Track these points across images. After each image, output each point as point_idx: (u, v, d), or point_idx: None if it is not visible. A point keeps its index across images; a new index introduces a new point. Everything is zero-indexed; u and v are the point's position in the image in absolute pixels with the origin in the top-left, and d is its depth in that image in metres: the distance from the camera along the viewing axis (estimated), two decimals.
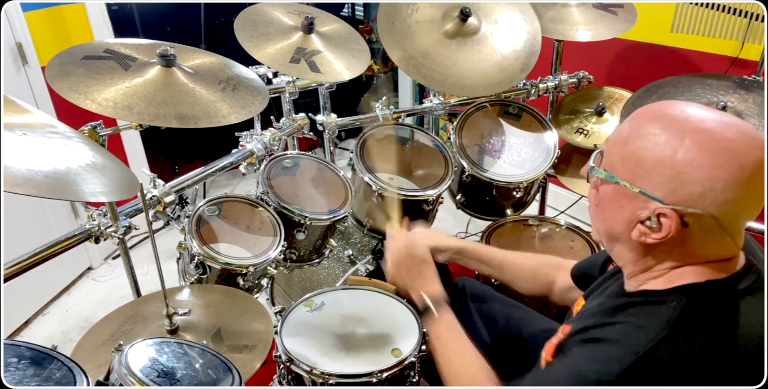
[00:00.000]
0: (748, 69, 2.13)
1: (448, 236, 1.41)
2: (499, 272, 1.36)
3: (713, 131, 0.74)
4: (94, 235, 1.42)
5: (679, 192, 0.75)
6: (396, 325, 1.42)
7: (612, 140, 0.83)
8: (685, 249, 0.80)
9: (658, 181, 0.76)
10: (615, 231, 0.86)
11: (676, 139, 0.75)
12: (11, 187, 0.91)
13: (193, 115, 1.31)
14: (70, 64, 1.29)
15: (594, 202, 0.89)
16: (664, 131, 0.76)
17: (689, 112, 0.78)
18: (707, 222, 0.76)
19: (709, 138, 0.74)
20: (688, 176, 0.74)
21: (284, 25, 1.76)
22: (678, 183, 0.75)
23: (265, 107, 1.49)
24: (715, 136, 0.74)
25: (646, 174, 0.77)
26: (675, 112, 0.78)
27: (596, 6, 2.09)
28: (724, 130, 0.74)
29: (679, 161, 0.74)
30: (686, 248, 0.80)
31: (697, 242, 0.79)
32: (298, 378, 1.34)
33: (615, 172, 0.81)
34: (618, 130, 0.84)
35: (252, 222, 1.61)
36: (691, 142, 0.74)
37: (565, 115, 2.19)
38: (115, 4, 2.92)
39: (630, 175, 0.79)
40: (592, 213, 0.90)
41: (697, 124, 0.75)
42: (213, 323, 1.28)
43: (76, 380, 0.93)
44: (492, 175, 1.93)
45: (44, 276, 2.37)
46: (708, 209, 0.74)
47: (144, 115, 1.26)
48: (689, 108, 0.79)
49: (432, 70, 1.80)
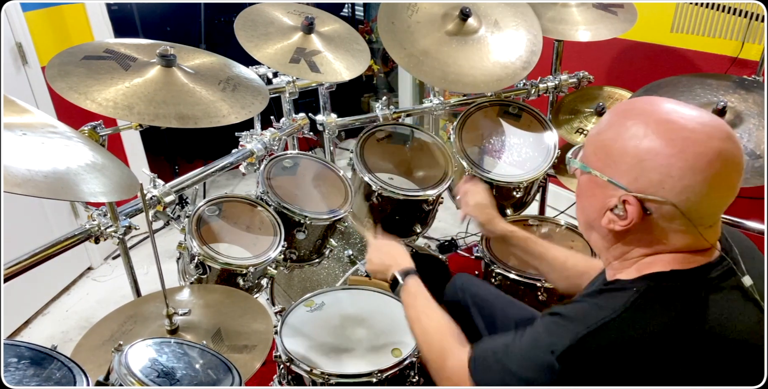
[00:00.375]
0: (748, 69, 2.13)
1: (498, 217, 1.47)
2: (539, 263, 1.38)
3: (675, 122, 0.78)
4: (94, 235, 1.42)
5: (641, 179, 0.79)
6: (396, 325, 1.42)
7: (590, 133, 0.89)
8: (651, 237, 0.84)
9: (623, 170, 0.81)
10: (590, 219, 0.90)
11: (640, 129, 0.79)
12: (11, 187, 0.91)
13: (193, 115, 1.31)
14: (70, 64, 1.29)
15: (576, 193, 0.93)
16: (633, 122, 0.81)
17: (659, 106, 0.82)
18: (668, 210, 0.79)
19: (670, 128, 0.78)
20: (647, 164, 0.78)
21: (284, 25, 1.76)
22: (639, 170, 0.79)
23: (265, 107, 1.49)
24: (676, 126, 0.78)
25: (614, 162, 0.82)
26: (646, 106, 0.83)
27: (596, 6, 2.09)
28: (686, 122, 0.78)
29: (640, 150, 0.79)
30: (652, 236, 0.83)
31: (660, 230, 0.82)
32: (298, 378, 1.35)
33: (588, 162, 0.86)
34: (596, 125, 0.90)
35: (252, 222, 1.61)
36: (652, 132, 0.78)
37: (565, 115, 2.19)
38: (115, 4, 2.92)
39: (600, 164, 0.84)
40: (576, 205, 0.95)
41: (661, 116, 0.80)
42: (213, 323, 1.28)
43: (76, 380, 0.93)
44: (492, 175, 1.93)
45: (44, 276, 2.38)
46: (667, 196, 0.78)
47: (144, 115, 1.26)
48: (663, 103, 0.83)
49: (432, 68, 1.80)
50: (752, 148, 1.55)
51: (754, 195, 2.00)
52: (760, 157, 1.53)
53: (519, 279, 1.72)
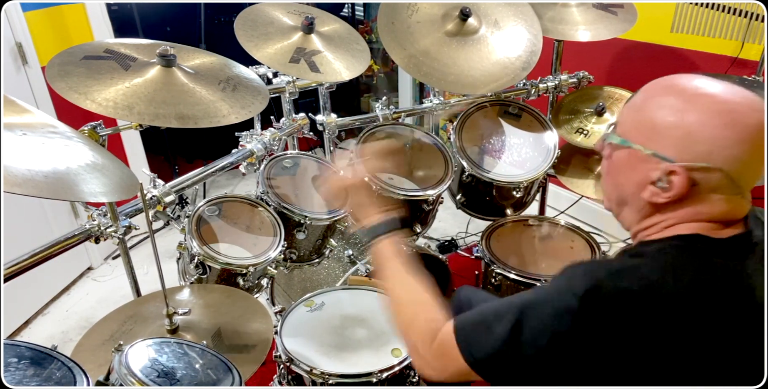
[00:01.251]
0: (748, 69, 2.13)
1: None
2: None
3: (718, 95, 0.81)
4: (94, 235, 1.42)
5: (688, 150, 0.80)
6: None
7: (625, 110, 0.90)
8: (692, 207, 0.84)
9: (669, 143, 0.81)
10: (625, 194, 0.90)
11: (683, 103, 0.81)
12: (11, 187, 0.91)
13: (193, 115, 1.31)
14: (70, 64, 1.29)
15: (606, 171, 0.94)
16: (674, 97, 0.82)
17: (696, 81, 0.84)
18: (716, 179, 0.80)
19: (714, 101, 0.80)
20: (695, 136, 0.79)
21: (284, 25, 1.76)
22: (687, 142, 0.80)
23: (265, 107, 1.49)
24: (720, 99, 0.81)
25: (658, 136, 0.82)
26: (683, 81, 0.85)
27: (596, 6, 2.09)
28: (728, 94, 0.81)
29: (687, 122, 0.80)
30: (693, 206, 0.84)
31: (701, 200, 0.83)
32: (298, 378, 1.35)
33: (629, 137, 0.86)
34: (630, 102, 0.89)
35: (252, 222, 1.61)
36: (697, 105, 0.80)
37: (565, 115, 2.19)
38: (115, 4, 2.91)
39: (643, 139, 0.84)
40: (605, 182, 0.95)
41: (703, 90, 0.82)
42: (213, 323, 1.28)
43: (76, 380, 0.93)
44: (492, 175, 1.93)
45: (44, 276, 2.37)
46: (715, 164, 0.79)
47: (144, 115, 1.26)
48: (696, 78, 0.85)
49: (432, 69, 1.80)
50: None
51: (754, 196, 2.00)
52: None
53: (519, 279, 1.72)
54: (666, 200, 0.84)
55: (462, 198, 2.06)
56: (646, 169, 0.84)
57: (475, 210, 2.10)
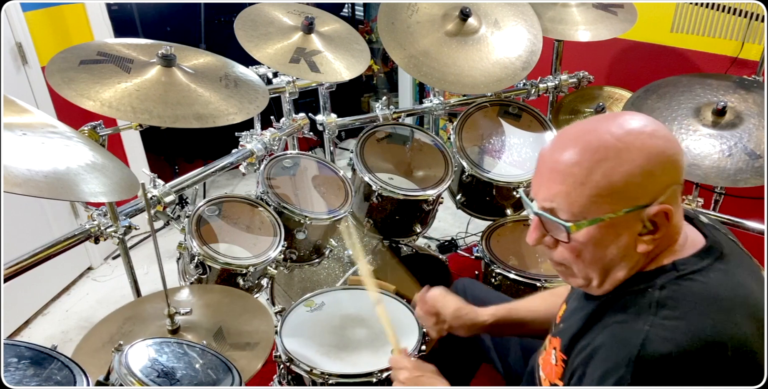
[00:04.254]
0: (748, 69, 2.13)
1: (476, 309, 1.25)
2: (531, 326, 1.24)
3: (631, 131, 0.80)
4: (94, 235, 1.42)
5: (655, 186, 0.80)
6: (396, 325, 1.42)
7: (559, 194, 0.82)
8: (672, 231, 0.84)
9: (638, 191, 0.79)
10: (614, 261, 0.85)
11: (618, 154, 0.79)
12: (11, 187, 0.91)
13: (210, 114, 1.32)
14: (71, 70, 1.27)
15: (573, 254, 0.86)
16: (606, 152, 0.79)
17: (601, 127, 0.82)
18: (673, 195, 0.81)
19: (637, 134, 0.80)
20: (654, 171, 0.79)
21: (284, 25, 1.76)
22: (650, 181, 0.79)
23: (267, 100, 1.49)
24: (633, 132, 0.80)
25: (625, 193, 0.79)
26: (593, 137, 0.81)
27: (596, 6, 2.09)
28: (630, 125, 0.81)
29: (639, 165, 0.78)
30: (672, 229, 0.84)
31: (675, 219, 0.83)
32: (298, 378, 1.35)
33: (592, 213, 0.81)
34: (553, 183, 0.82)
35: (252, 222, 1.61)
36: (632, 147, 0.79)
37: (565, 115, 2.19)
38: (115, 4, 2.91)
39: (610, 206, 0.80)
40: (575, 264, 0.87)
41: (618, 134, 0.80)
42: (214, 322, 1.28)
43: (76, 380, 0.93)
44: (492, 175, 1.93)
45: (44, 276, 2.37)
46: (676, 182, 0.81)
47: (165, 117, 1.25)
48: (596, 124, 0.83)
49: (432, 69, 1.80)
50: (752, 148, 1.55)
51: (754, 195, 2.00)
52: (760, 157, 1.52)
53: (519, 279, 1.72)
54: (657, 241, 0.82)
55: (462, 198, 2.06)
56: (628, 227, 0.81)
57: (475, 210, 2.10)
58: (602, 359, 0.80)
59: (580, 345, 0.86)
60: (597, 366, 0.80)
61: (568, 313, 0.98)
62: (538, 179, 0.86)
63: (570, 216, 0.82)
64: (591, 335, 0.85)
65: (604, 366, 0.79)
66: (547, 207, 0.84)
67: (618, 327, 0.81)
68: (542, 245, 0.89)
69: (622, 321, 0.81)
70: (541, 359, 1.03)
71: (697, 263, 0.83)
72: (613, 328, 0.81)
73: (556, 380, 0.93)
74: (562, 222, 0.82)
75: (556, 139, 0.87)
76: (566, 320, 0.96)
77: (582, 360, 0.84)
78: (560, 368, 0.91)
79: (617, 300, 0.85)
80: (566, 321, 0.96)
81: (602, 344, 0.81)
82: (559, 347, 0.92)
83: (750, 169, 1.52)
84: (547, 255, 0.92)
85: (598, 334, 0.83)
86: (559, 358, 0.92)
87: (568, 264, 0.88)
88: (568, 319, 0.95)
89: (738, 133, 1.58)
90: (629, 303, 0.83)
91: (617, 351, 0.78)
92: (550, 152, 0.84)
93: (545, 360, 0.99)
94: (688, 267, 0.82)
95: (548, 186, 0.83)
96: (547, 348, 1.01)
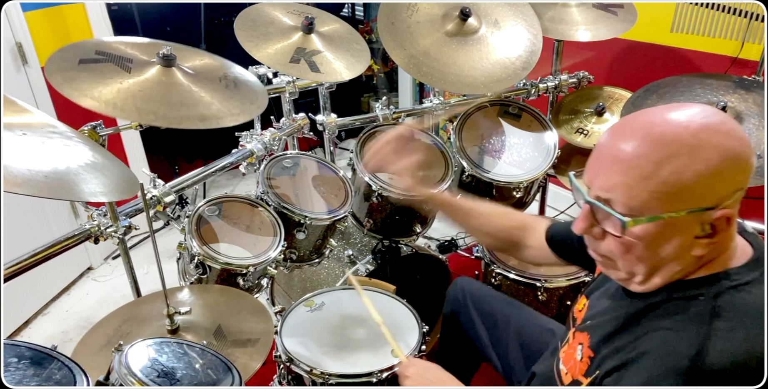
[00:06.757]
0: (748, 69, 2.13)
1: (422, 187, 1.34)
2: (465, 219, 1.30)
3: (709, 126, 0.75)
4: (94, 235, 1.42)
5: (722, 189, 0.75)
6: (396, 325, 1.42)
7: (620, 185, 0.77)
8: (729, 235, 0.81)
9: (705, 193, 0.75)
10: (665, 260, 0.81)
11: (691, 151, 0.74)
12: (11, 187, 0.91)
13: (213, 115, 1.31)
14: (71, 70, 1.27)
15: (623, 249, 0.81)
16: (679, 146, 0.74)
17: (674, 120, 0.77)
18: (736, 201, 0.77)
19: (716, 134, 0.75)
20: (724, 173, 0.74)
21: (284, 25, 1.76)
22: (718, 183, 0.75)
23: (265, 107, 1.49)
24: (712, 128, 0.75)
25: (691, 193, 0.75)
26: (669, 128, 0.76)
27: (596, 6, 2.09)
28: (713, 120, 0.76)
29: (711, 166, 0.74)
30: (726, 236, 0.80)
31: (734, 225, 0.80)
32: (298, 378, 1.35)
33: (652, 210, 0.76)
34: (614, 174, 0.78)
35: (252, 222, 1.61)
36: (707, 146, 0.74)
37: (565, 115, 2.19)
38: (115, 4, 2.91)
39: (671, 205, 0.76)
40: (622, 258, 0.83)
41: (695, 128, 0.75)
42: (213, 321, 1.28)
43: (76, 380, 0.93)
44: (492, 175, 1.93)
45: (44, 276, 2.37)
46: (743, 185, 0.77)
47: (170, 118, 1.24)
48: (666, 115, 0.78)
49: (432, 69, 1.80)
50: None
51: (754, 195, 2.00)
52: (760, 157, 1.53)
53: (519, 279, 1.72)
54: (714, 244, 0.78)
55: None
56: (686, 229, 0.77)
57: None
58: (648, 365, 0.77)
59: (615, 344, 0.84)
60: (640, 371, 0.78)
61: (600, 310, 0.94)
62: (596, 165, 0.81)
63: (627, 210, 0.77)
64: (629, 336, 0.82)
65: (649, 372, 0.76)
66: (602, 198, 0.79)
67: (668, 334, 0.78)
68: (588, 235, 0.85)
69: (671, 329, 0.78)
70: (562, 352, 1.01)
71: (748, 274, 0.80)
72: (663, 334, 0.78)
73: (579, 376, 0.90)
74: (620, 217, 0.77)
75: (621, 126, 0.81)
76: (595, 317, 0.94)
77: (620, 362, 0.81)
78: (585, 364, 0.90)
79: (664, 303, 0.82)
80: (596, 318, 0.93)
81: (649, 350, 0.78)
82: (587, 343, 0.90)
83: None
84: (590, 245, 0.88)
85: (642, 338, 0.80)
86: (585, 354, 0.90)
87: (613, 257, 0.84)
88: (599, 316, 0.92)
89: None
90: (679, 309, 0.80)
91: (666, 360, 0.75)
92: (612, 139, 0.79)
93: (568, 354, 0.98)
94: (741, 277, 0.79)
95: (608, 175, 0.78)
96: (570, 342, 0.99)
